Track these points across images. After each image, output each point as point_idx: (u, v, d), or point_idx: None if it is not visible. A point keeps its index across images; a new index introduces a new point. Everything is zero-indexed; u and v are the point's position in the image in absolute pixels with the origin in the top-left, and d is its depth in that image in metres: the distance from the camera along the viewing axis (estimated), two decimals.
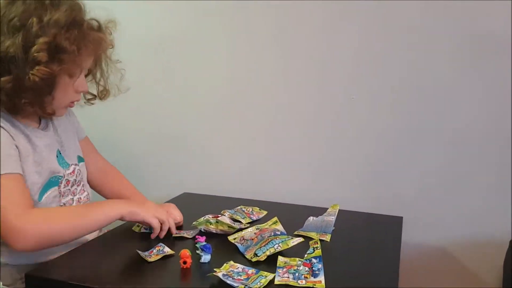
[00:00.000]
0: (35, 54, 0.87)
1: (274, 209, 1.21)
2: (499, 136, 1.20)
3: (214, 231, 1.02)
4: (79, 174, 1.07)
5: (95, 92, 1.10)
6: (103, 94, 1.10)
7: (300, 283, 0.80)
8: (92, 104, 1.11)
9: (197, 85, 1.42)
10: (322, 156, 1.34)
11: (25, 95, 0.90)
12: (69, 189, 1.03)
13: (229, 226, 1.02)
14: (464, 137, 1.23)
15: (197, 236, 0.93)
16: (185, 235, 1.00)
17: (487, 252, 1.25)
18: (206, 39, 1.39)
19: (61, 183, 1.00)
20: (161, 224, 0.99)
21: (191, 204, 1.32)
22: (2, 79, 0.88)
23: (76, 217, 0.93)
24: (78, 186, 1.06)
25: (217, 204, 1.31)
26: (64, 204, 1.01)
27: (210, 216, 1.04)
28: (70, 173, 1.04)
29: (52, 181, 0.98)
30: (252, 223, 1.09)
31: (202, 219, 1.04)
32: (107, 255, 0.96)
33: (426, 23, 1.20)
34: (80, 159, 1.10)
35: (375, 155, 1.30)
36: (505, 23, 1.14)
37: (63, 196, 1.01)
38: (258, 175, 1.40)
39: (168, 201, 1.31)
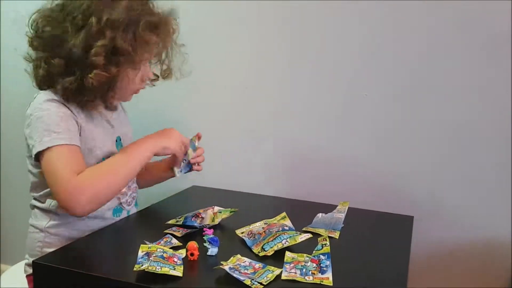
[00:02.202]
0: (93, 58, 0.90)
1: (282, 204, 1.20)
2: (509, 135, 1.18)
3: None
4: None
5: (158, 73, 1.12)
6: (166, 74, 1.12)
7: (308, 279, 0.79)
8: (154, 85, 1.15)
9: (206, 80, 1.42)
10: (332, 153, 1.33)
11: (87, 94, 0.94)
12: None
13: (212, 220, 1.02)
14: (477, 136, 1.21)
15: (204, 229, 0.92)
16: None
17: (497, 253, 1.22)
18: (213, 37, 1.39)
19: None
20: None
21: (199, 197, 1.32)
22: (66, 79, 0.93)
23: (120, 167, 0.96)
24: None
25: (225, 198, 1.31)
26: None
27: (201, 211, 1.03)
28: None
29: None
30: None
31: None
32: (114, 245, 0.96)
33: (437, 20, 1.19)
34: None
35: (387, 153, 1.28)
36: None
37: None
38: (267, 170, 1.39)
39: (176, 194, 1.32)
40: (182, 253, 0.85)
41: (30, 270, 1.04)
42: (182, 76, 1.13)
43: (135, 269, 0.77)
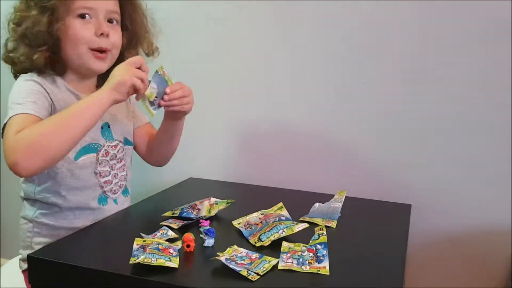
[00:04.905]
0: (16, 5, 0.96)
1: (279, 194, 1.19)
2: (509, 122, 1.17)
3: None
4: (122, 151, 1.10)
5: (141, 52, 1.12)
6: (150, 51, 1.12)
7: (304, 268, 0.79)
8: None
9: (203, 72, 1.40)
10: (330, 141, 1.32)
11: (21, 49, 0.96)
12: (107, 160, 1.06)
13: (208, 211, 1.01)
14: (475, 124, 1.20)
15: (201, 220, 0.92)
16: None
17: (496, 241, 1.22)
18: (213, 29, 1.37)
19: (100, 151, 1.04)
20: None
21: (196, 189, 1.31)
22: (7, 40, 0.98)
23: (66, 117, 0.88)
24: (118, 162, 1.09)
25: (222, 189, 1.31)
26: (100, 172, 1.05)
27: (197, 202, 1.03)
28: (112, 146, 1.07)
29: (91, 148, 1.03)
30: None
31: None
32: (110, 238, 0.96)
33: (437, 7, 1.17)
34: (127, 142, 1.13)
35: (384, 141, 1.27)
36: None
37: (100, 164, 1.04)
38: (264, 160, 1.39)
39: (173, 186, 1.31)
40: (178, 244, 0.85)
41: (25, 266, 1.04)
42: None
43: (130, 262, 0.77)
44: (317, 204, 1.08)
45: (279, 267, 0.79)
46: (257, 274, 0.76)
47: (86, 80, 1.06)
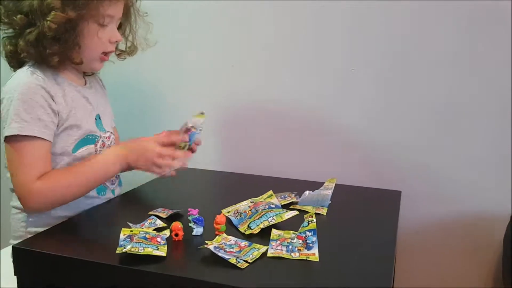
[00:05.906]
0: (49, 1, 0.91)
1: (269, 183, 1.19)
2: (501, 109, 1.17)
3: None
4: (114, 142, 1.11)
5: (123, 48, 1.12)
6: (131, 50, 1.13)
7: (294, 255, 0.78)
8: (124, 59, 1.14)
9: (190, 61, 1.39)
10: (319, 129, 1.31)
11: (49, 45, 0.93)
12: (104, 150, 1.05)
13: None
14: (465, 110, 1.20)
15: (189, 209, 0.91)
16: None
17: (487, 227, 1.23)
18: (205, 18, 1.35)
19: (98, 142, 1.04)
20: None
21: (186, 179, 1.30)
22: (27, 31, 0.93)
23: (82, 181, 0.97)
24: None
25: (211, 178, 1.30)
26: None
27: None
28: (106, 137, 1.07)
29: (89, 139, 1.02)
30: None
31: None
32: (98, 227, 0.94)
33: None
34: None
35: (373, 128, 1.27)
36: None
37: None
38: (254, 149, 1.38)
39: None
40: (166, 233, 0.84)
41: None
42: (148, 46, 1.13)
43: (117, 251, 0.76)
44: (307, 192, 1.07)
45: (269, 254, 0.78)
46: (246, 261, 0.75)
47: (79, 72, 1.07)
